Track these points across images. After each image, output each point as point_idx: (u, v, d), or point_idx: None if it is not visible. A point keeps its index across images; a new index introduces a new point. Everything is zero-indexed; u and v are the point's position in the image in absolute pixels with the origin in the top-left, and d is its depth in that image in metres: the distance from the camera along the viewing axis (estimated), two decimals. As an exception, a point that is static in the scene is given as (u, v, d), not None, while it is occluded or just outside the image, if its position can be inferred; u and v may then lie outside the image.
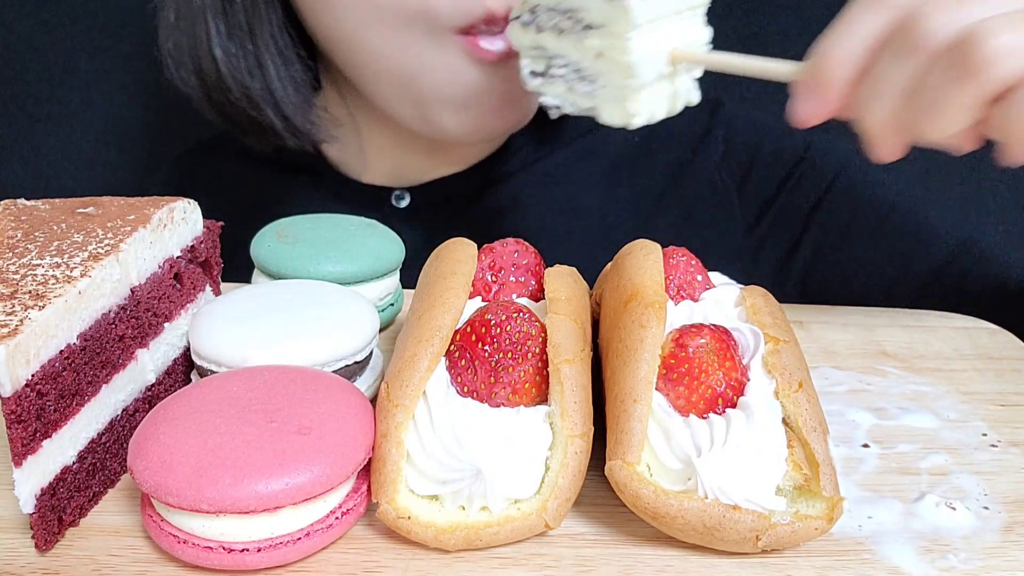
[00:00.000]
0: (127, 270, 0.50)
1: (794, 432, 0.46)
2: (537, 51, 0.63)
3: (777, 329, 0.51)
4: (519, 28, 0.64)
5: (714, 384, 0.46)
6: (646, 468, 0.45)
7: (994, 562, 0.45)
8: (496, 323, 0.48)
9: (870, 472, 0.52)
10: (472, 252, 0.56)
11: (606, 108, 0.60)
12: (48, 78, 1.20)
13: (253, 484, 0.41)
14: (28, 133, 1.23)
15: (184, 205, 0.55)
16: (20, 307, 0.43)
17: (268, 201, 0.92)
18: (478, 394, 0.47)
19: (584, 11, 0.58)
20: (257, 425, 0.44)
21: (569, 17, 0.59)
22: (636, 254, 0.54)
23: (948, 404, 0.59)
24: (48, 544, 0.45)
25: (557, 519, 0.45)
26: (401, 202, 0.91)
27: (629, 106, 0.58)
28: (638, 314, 0.48)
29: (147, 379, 0.53)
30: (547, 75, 0.63)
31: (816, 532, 0.44)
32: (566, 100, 0.62)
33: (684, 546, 0.46)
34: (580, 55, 0.60)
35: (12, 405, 0.41)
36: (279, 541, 0.43)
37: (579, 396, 0.47)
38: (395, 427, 0.45)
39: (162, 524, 0.44)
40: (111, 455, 0.50)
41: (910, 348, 0.67)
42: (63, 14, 1.18)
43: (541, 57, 0.63)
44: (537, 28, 0.62)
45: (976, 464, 0.53)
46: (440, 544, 0.44)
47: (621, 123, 0.60)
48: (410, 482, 0.45)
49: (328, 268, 0.61)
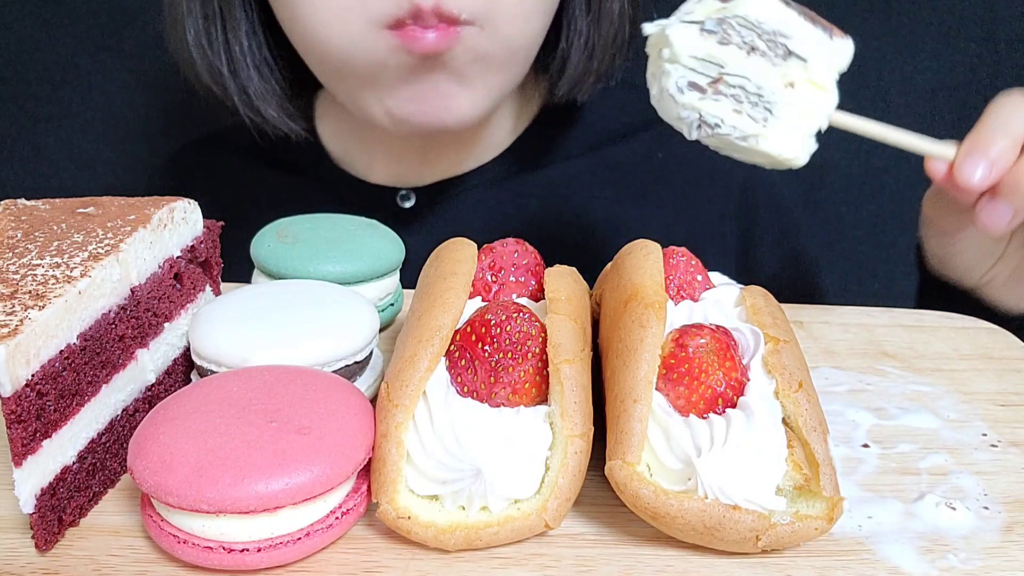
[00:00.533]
0: (127, 270, 0.50)
1: (794, 432, 0.46)
2: (704, 63, 0.57)
3: (777, 329, 0.51)
4: (694, 34, 0.57)
5: (714, 384, 0.46)
6: (646, 468, 0.45)
7: (994, 562, 0.45)
8: (496, 323, 0.48)
9: (870, 472, 0.52)
10: (472, 252, 0.56)
11: (773, 140, 0.57)
12: (48, 78, 1.20)
13: (253, 484, 0.41)
14: (28, 133, 1.23)
15: (184, 205, 0.55)
16: (20, 307, 0.43)
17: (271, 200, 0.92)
18: (478, 394, 0.47)
19: (795, 39, 0.56)
20: (257, 425, 0.44)
21: (770, 40, 0.56)
22: (636, 254, 0.54)
23: (948, 404, 0.59)
24: (48, 544, 0.45)
25: (557, 519, 0.45)
26: (406, 203, 0.90)
27: (802, 144, 0.57)
28: (638, 314, 0.48)
29: (147, 379, 0.53)
30: (711, 91, 0.57)
31: (816, 532, 0.44)
32: (728, 121, 0.57)
33: (684, 546, 0.46)
34: (768, 80, 0.56)
35: (12, 405, 0.41)
36: (279, 541, 0.43)
37: (579, 396, 0.47)
38: (395, 427, 0.45)
39: (162, 524, 0.44)
40: (111, 455, 0.50)
41: (910, 348, 0.67)
42: (63, 14, 1.18)
43: (706, 70, 0.57)
44: (721, 40, 0.56)
45: (976, 464, 0.53)
46: (440, 544, 0.44)
47: (783, 159, 0.57)
48: (410, 482, 0.45)
49: (328, 268, 0.61)
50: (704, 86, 0.57)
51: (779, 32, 0.56)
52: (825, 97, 0.57)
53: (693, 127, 0.58)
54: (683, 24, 0.58)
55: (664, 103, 0.59)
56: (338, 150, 0.93)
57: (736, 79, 0.56)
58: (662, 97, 0.59)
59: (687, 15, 0.58)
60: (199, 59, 0.82)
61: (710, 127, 0.57)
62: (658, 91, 0.59)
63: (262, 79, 0.83)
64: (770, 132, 0.57)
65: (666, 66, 0.58)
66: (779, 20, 0.56)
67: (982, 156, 0.59)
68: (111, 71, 1.20)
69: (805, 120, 0.57)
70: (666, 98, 0.58)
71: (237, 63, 0.82)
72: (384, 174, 0.92)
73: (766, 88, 0.56)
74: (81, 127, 1.23)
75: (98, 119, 1.22)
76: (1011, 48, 1.17)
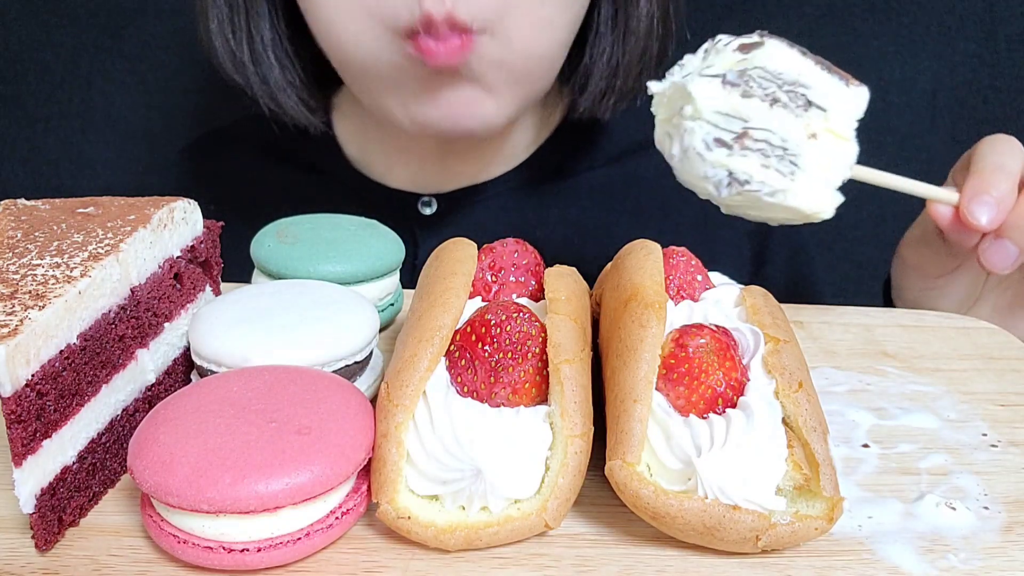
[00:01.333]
0: (127, 270, 0.50)
1: (794, 432, 0.46)
2: (728, 118, 0.55)
3: (777, 329, 0.51)
4: (717, 87, 0.55)
5: (714, 384, 0.46)
6: (646, 468, 0.45)
7: (994, 562, 0.45)
8: (496, 323, 0.48)
9: (870, 472, 0.52)
10: (472, 252, 0.55)
11: (801, 194, 0.55)
12: (48, 78, 1.20)
13: (253, 484, 0.41)
14: (28, 133, 1.23)
15: (184, 205, 0.55)
16: (20, 307, 0.43)
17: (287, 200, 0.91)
18: (478, 394, 0.47)
19: (814, 89, 0.54)
20: (257, 425, 0.44)
21: (791, 90, 0.54)
22: (636, 254, 0.54)
23: (948, 404, 0.59)
24: (48, 544, 0.45)
25: (557, 519, 0.45)
26: (427, 209, 0.89)
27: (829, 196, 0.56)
28: (638, 314, 0.48)
29: (147, 379, 0.53)
30: (738, 147, 0.55)
31: (816, 532, 0.44)
32: (757, 177, 0.55)
33: (684, 546, 0.46)
34: (791, 132, 0.54)
35: (12, 405, 0.41)
36: (279, 541, 0.43)
37: (579, 396, 0.47)
38: (395, 427, 0.45)
39: (162, 524, 0.44)
40: (111, 455, 0.50)
41: (910, 348, 0.67)
42: (63, 14, 1.18)
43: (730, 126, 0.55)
44: (744, 93, 0.54)
45: (976, 464, 0.53)
46: (440, 544, 0.44)
47: (810, 212, 0.56)
48: (410, 482, 0.45)
49: (328, 268, 0.61)
50: (730, 142, 0.55)
51: (798, 83, 0.54)
52: (847, 147, 0.56)
53: (722, 186, 0.56)
54: (704, 78, 0.55)
55: (688, 163, 0.57)
56: (355, 151, 0.93)
57: (761, 133, 0.54)
58: (686, 156, 0.56)
59: (707, 68, 0.55)
60: (221, 47, 0.82)
61: (740, 184, 0.55)
62: (679, 150, 0.57)
63: (283, 71, 0.83)
64: (797, 186, 0.55)
65: (688, 124, 0.55)
66: (798, 70, 0.55)
67: (988, 198, 0.60)
68: (111, 71, 1.20)
69: (830, 172, 0.56)
70: (692, 157, 0.56)
71: (258, 54, 0.82)
72: (403, 178, 0.91)
73: (790, 141, 0.54)
74: (81, 127, 1.23)
75: (98, 119, 1.22)
76: (1011, 48, 1.17)
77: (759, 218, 0.59)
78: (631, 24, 0.82)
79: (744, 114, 0.54)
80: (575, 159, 0.92)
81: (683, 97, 0.56)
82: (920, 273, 0.74)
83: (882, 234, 1.26)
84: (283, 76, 0.83)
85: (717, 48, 0.57)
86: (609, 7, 0.82)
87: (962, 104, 1.21)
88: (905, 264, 0.76)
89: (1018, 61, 1.18)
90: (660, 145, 0.60)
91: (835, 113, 0.55)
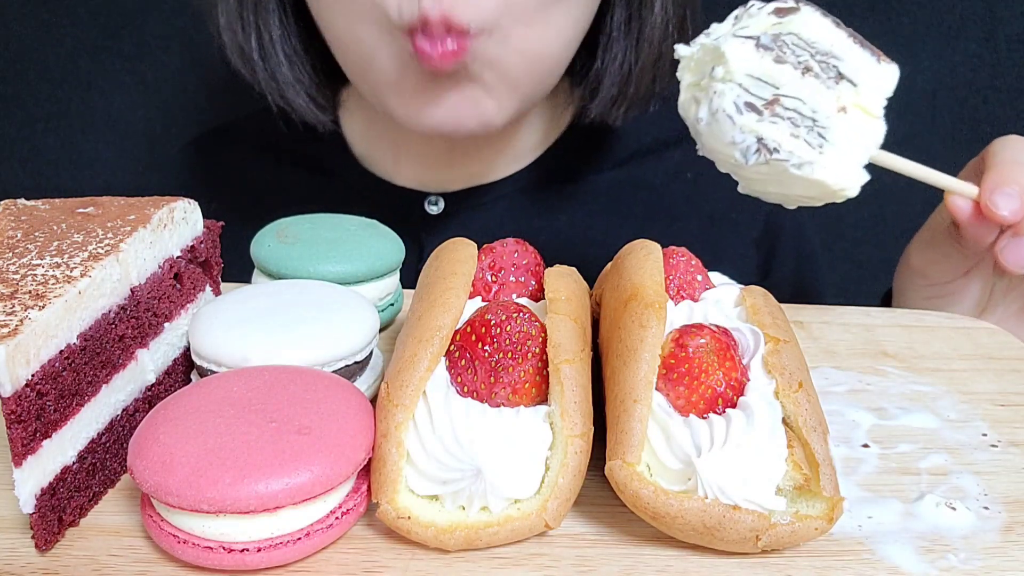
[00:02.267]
0: (127, 270, 0.50)
1: (794, 432, 0.46)
2: (759, 83, 0.53)
3: (777, 329, 0.51)
4: (751, 50, 0.53)
5: (714, 384, 0.46)
6: (646, 468, 0.45)
7: (994, 562, 0.45)
8: (496, 323, 0.48)
9: (870, 472, 0.52)
10: (472, 252, 0.55)
11: (829, 167, 0.53)
12: (48, 78, 1.20)
13: (253, 484, 0.41)
14: (28, 133, 1.23)
15: (184, 205, 0.55)
16: (20, 307, 0.43)
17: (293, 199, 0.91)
18: (478, 394, 0.47)
19: (846, 62, 0.53)
20: (257, 425, 0.44)
21: (823, 61, 0.53)
22: (636, 254, 0.54)
23: (948, 404, 0.59)
24: (48, 544, 0.45)
25: (557, 519, 0.45)
26: (434, 208, 0.89)
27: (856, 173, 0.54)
28: (638, 314, 0.48)
29: (147, 379, 0.53)
30: (768, 113, 0.53)
31: (816, 532, 0.44)
32: (786, 146, 0.53)
33: (684, 546, 0.46)
34: (821, 104, 0.53)
35: (12, 405, 0.41)
36: (279, 541, 0.43)
37: (579, 396, 0.47)
38: (395, 427, 0.45)
39: (162, 524, 0.44)
40: (111, 455, 0.50)
41: (910, 348, 0.67)
42: (63, 14, 1.18)
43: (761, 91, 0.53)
44: (777, 58, 0.53)
45: (976, 464, 0.53)
46: (440, 544, 0.44)
47: (837, 188, 0.54)
48: (410, 482, 0.45)
49: (328, 268, 0.61)
50: (760, 108, 0.53)
51: (831, 54, 0.53)
52: (875, 125, 0.55)
53: (750, 152, 0.53)
54: (737, 39, 0.53)
55: (717, 126, 0.54)
56: (362, 148, 0.92)
57: (791, 101, 0.53)
58: (714, 119, 0.54)
59: (741, 29, 0.54)
60: (229, 42, 0.82)
61: (768, 151, 0.53)
62: (707, 113, 0.54)
63: (291, 67, 0.83)
64: (826, 159, 0.53)
65: (718, 85, 0.53)
66: (831, 41, 0.54)
67: (1011, 189, 0.60)
68: (111, 71, 1.20)
69: (857, 149, 0.54)
70: (720, 120, 0.53)
71: (267, 50, 0.82)
72: (410, 177, 0.90)
73: (820, 113, 0.53)
74: (81, 127, 1.23)
75: (98, 119, 1.22)
76: (1011, 48, 1.17)
77: (776, 196, 0.57)
78: (645, 31, 0.80)
79: (776, 80, 0.53)
80: (583, 162, 0.91)
81: (714, 58, 0.54)
82: (927, 280, 0.73)
83: (882, 234, 1.27)
84: (292, 72, 0.83)
85: (750, 12, 0.55)
86: (623, 11, 0.81)
87: (962, 104, 1.21)
88: (912, 270, 0.74)
89: (1018, 61, 1.18)
90: (684, 111, 0.57)
91: (865, 88, 0.53)
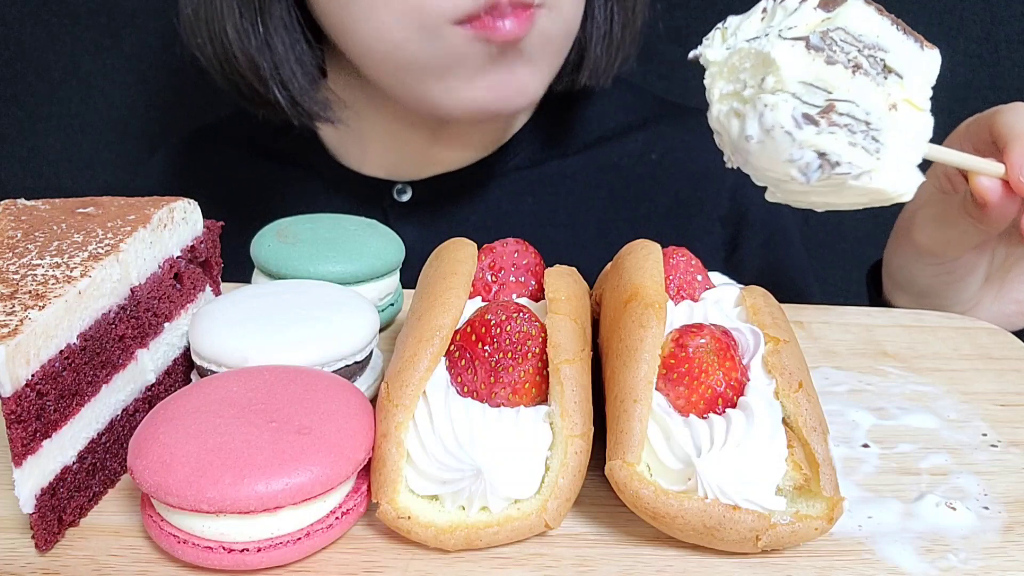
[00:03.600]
0: (127, 270, 0.50)
1: (794, 432, 0.46)
2: (812, 89, 0.47)
3: (777, 329, 0.51)
4: (801, 53, 0.47)
5: (714, 384, 0.46)
6: (646, 468, 0.45)
7: (994, 562, 0.45)
8: (496, 323, 0.48)
9: (870, 472, 0.52)
10: (472, 252, 0.55)
11: (886, 174, 0.48)
12: (48, 78, 1.20)
13: (253, 484, 0.41)
14: (28, 133, 1.23)
15: (184, 205, 0.55)
16: (20, 307, 0.43)
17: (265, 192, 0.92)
18: (478, 394, 0.47)
19: (892, 53, 0.48)
20: (257, 425, 0.44)
21: (870, 55, 0.47)
22: (636, 254, 0.54)
23: (948, 404, 0.59)
24: (48, 544, 0.45)
25: (557, 519, 0.45)
26: (403, 196, 0.90)
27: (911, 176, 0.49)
28: (638, 314, 0.48)
29: (147, 379, 0.53)
30: (825, 122, 0.47)
31: (816, 532, 0.44)
32: (845, 156, 0.47)
33: (684, 546, 0.46)
34: (873, 104, 0.47)
35: (12, 405, 0.41)
36: (279, 541, 0.43)
37: (579, 396, 0.47)
38: (395, 427, 0.45)
39: (162, 524, 0.44)
40: (111, 455, 0.50)
41: (910, 348, 0.67)
42: (63, 14, 1.18)
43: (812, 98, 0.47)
44: (828, 59, 0.46)
45: (976, 464, 0.53)
46: (440, 544, 0.44)
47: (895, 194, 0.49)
48: (410, 482, 0.45)
49: (328, 268, 0.61)
50: (817, 117, 0.46)
51: (878, 46, 0.48)
52: (924, 119, 0.50)
53: (811, 169, 0.47)
54: (786, 41, 0.47)
55: (772, 144, 0.48)
56: (333, 141, 0.93)
57: (845, 105, 0.47)
58: (769, 137, 0.47)
59: (788, 29, 0.47)
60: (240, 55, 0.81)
61: (831, 166, 0.47)
62: (758, 130, 0.48)
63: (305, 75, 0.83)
64: (883, 165, 0.48)
65: (769, 98, 0.47)
66: (877, 32, 0.48)
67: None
68: (111, 71, 1.20)
69: (910, 148, 0.50)
70: (778, 137, 0.47)
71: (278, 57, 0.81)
72: (379, 167, 0.92)
73: (873, 114, 0.47)
74: (81, 127, 1.23)
75: (98, 119, 1.22)
76: (1011, 48, 1.17)
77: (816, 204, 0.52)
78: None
79: (828, 84, 0.47)
80: (549, 146, 0.93)
81: (759, 64, 0.48)
82: (938, 258, 0.71)
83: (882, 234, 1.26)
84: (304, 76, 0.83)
85: (787, 7, 0.49)
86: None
87: (962, 104, 1.20)
88: (919, 249, 0.72)
89: (1018, 61, 1.17)
90: (721, 125, 0.51)
91: (911, 80, 0.49)
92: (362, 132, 0.91)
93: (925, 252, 0.71)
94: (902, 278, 0.76)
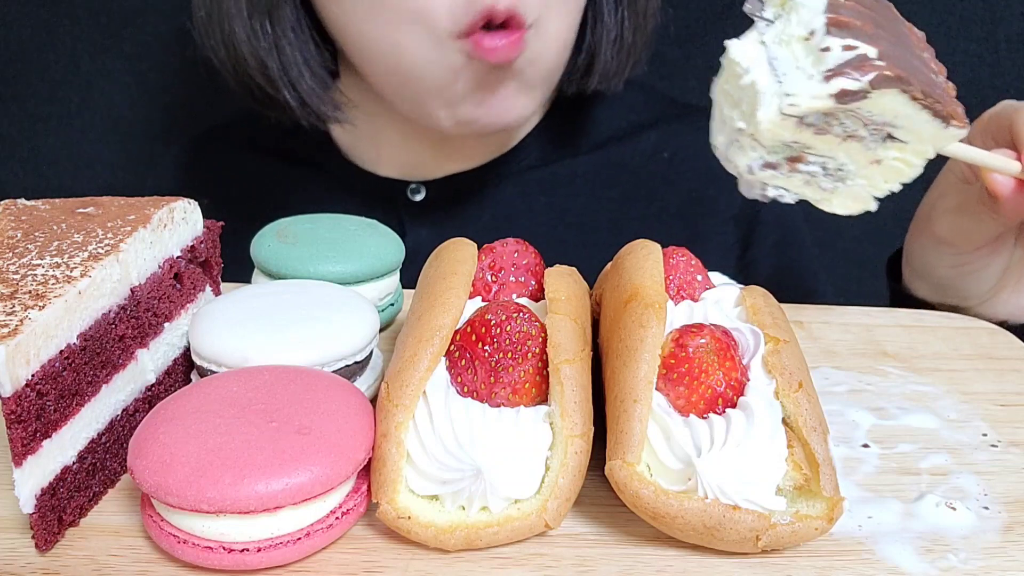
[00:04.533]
0: (127, 270, 0.50)
1: (794, 432, 0.46)
2: (788, 147, 0.50)
3: (777, 329, 0.51)
4: (790, 125, 0.48)
5: (714, 384, 0.46)
6: (646, 468, 0.45)
7: (994, 562, 0.45)
8: (496, 323, 0.48)
9: (870, 472, 0.52)
10: (472, 252, 0.55)
11: (840, 201, 0.53)
12: (48, 78, 1.20)
13: (253, 484, 0.41)
14: (28, 133, 1.23)
15: (184, 205, 0.55)
16: (20, 307, 0.43)
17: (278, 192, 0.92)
18: (478, 394, 0.47)
19: (903, 129, 0.50)
20: (257, 425, 0.44)
21: (876, 128, 0.50)
22: (636, 254, 0.54)
23: (948, 404, 0.59)
24: (48, 544, 0.45)
25: (557, 519, 0.45)
26: (417, 196, 0.91)
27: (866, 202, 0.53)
28: (638, 314, 0.48)
29: (147, 379, 0.53)
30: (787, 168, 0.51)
31: (816, 532, 0.44)
32: (792, 191, 0.53)
33: (684, 546, 0.46)
34: (851, 158, 0.51)
35: (12, 405, 0.41)
36: (279, 541, 0.43)
37: (579, 396, 0.47)
38: (395, 427, 0.45)
39: (162, 524, 0.44)
40: (111, 455, 0.50)
41: (910, 348, 0.67)
42: (64, 14, 1.18)
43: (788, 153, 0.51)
44: (818, 131, 0.49)
45: (976, 464, 0.53)
46: (440, 544, 0.44)
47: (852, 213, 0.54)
48: (410, 482, 0.45)
49: (328, 268, 0.61)
50: (780, 162, 0.51)
51: (888, 123, 0.50)
52: (907, 172, 0.53)
53: (753, 190, 0.53)
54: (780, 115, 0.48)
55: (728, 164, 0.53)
56: (346, 142, 0.93)
57: (817, 159, 0.51)
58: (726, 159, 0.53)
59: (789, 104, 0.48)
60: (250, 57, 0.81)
61: (768, 198, 0.53)
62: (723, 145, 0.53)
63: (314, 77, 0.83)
64: (835, 198, 0.53)
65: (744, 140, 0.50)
66: (895, 113, 0.49)
67: None
68: (111, 71, 1.20)
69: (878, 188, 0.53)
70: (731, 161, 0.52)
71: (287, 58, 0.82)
72: (392, 167, 0.92)
73: (849, 165, 0.51)
74: (81, 127, 1.23)
75: (98, 119, 1.22)
76: (1011, 48, 1.17)
77: None
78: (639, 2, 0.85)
79: (810, 146, 0.50)
80: (560, 146, 0.93)
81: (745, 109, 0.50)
82: (956, 248, 0.71)
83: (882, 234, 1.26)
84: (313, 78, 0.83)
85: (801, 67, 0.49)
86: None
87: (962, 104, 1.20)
88: (938, 240, 0.71)
89: (1018, 61, 1.17)
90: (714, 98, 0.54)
91: (914, 147, 0.51)
92: (375, 133, 0.92)
93: (944, 242, 0.71)
94: (921, 267, 0.76)
